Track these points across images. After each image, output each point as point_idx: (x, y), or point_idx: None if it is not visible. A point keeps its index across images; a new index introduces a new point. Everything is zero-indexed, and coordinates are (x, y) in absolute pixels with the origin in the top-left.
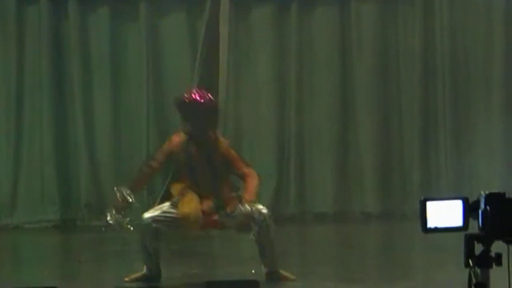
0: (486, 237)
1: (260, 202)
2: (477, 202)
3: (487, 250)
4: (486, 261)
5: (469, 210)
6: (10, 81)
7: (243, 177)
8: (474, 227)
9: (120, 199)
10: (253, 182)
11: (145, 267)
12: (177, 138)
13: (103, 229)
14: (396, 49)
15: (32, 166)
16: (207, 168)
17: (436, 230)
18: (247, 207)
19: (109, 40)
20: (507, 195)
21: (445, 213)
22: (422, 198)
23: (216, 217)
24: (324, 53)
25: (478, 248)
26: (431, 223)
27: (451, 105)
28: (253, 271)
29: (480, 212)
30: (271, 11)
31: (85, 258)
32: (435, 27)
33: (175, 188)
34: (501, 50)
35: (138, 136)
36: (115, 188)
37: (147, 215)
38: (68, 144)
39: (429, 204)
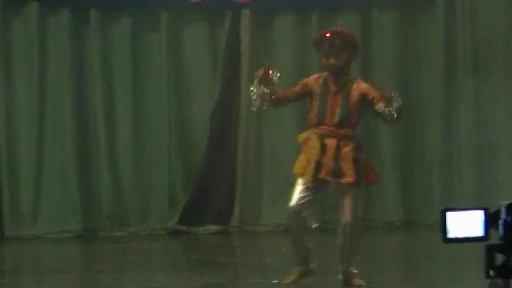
0: (507, 247)
1: (281, 213)
2: (498, 212)
3: (508, 261)
4: (507, 272)
5: (489, 220)
6: (32, 92)
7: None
8: (495, 237)
9: (264, 72)
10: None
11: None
12: (316, 74)
13: (125, 239)
14: (417, 56)
15: (54, 177)
16: (339, 102)
17: (457, 240)
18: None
19: (131, 49)
20: None
21: (465, 223)
22: (443, 208)
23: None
24: None
25: (499, 258)
26: (451, 233)
27: (474, 113)
28: (274, 282)
29: (500, 222)
30: (292, 20)
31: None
32: (456, 33)
33: (300, 136)
34: None
35: (160, 146)
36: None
37: (290, 205)
38: (90, 155)
39: (450, 214)
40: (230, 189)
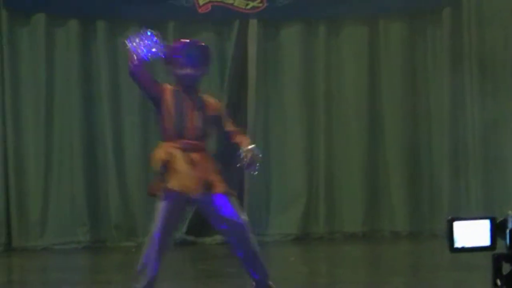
0: None
1: (290, 222)
2: (505, 221)
3: None
4: None
5: (496, 230)
6: (39, 103)
7: (233, 134)
8: (502, 247)
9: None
10: (246, 138)
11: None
12: (168, 85)
13: (133, 250)
14: (425, 67)
15: (62, 187)
16: (196, 116)
17: (464, 250)
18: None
19: None
20: None
21: (472, 233)
22: (449, 218)
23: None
24: (353, 72)
25: (506, 268)
26: (458, 243)
27: (481, 123)
28: None
29: (507, 231)
30: (299, 31)
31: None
32: (463, 43)
33: (160, 152)
34: None
35: None
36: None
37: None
38: (98, 166)
39: (456, 224)
40: (238, 199)
